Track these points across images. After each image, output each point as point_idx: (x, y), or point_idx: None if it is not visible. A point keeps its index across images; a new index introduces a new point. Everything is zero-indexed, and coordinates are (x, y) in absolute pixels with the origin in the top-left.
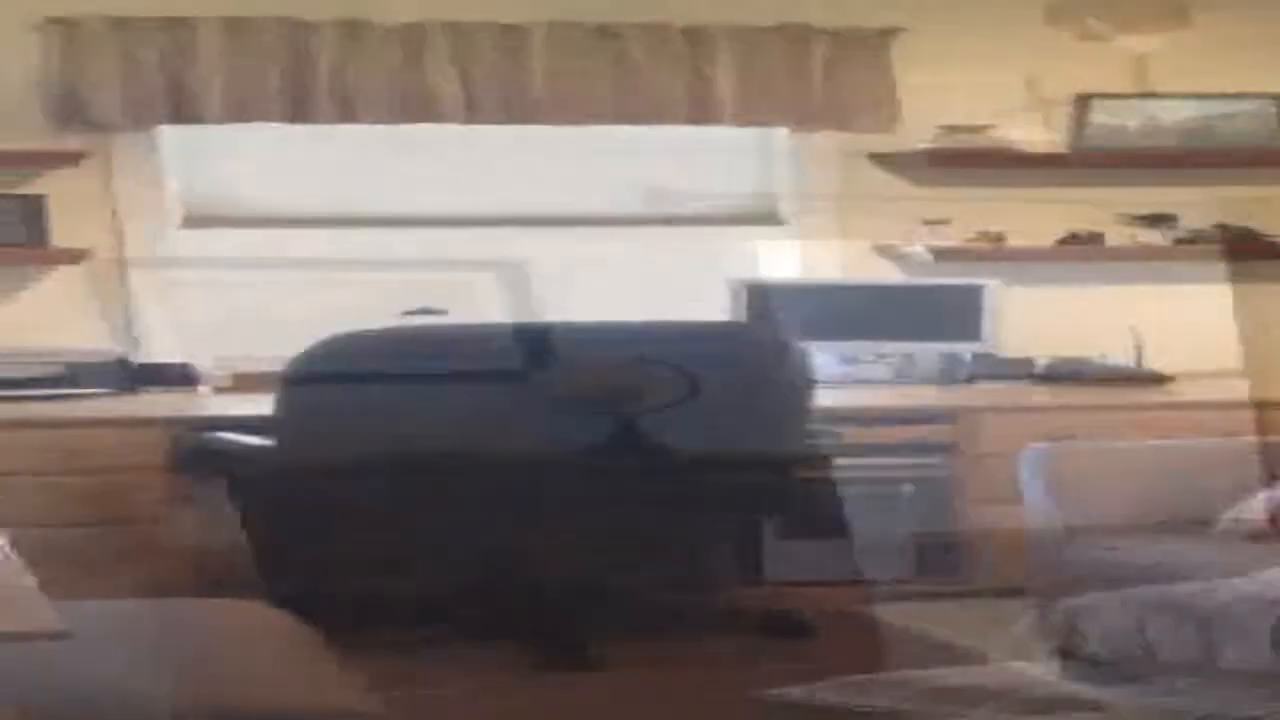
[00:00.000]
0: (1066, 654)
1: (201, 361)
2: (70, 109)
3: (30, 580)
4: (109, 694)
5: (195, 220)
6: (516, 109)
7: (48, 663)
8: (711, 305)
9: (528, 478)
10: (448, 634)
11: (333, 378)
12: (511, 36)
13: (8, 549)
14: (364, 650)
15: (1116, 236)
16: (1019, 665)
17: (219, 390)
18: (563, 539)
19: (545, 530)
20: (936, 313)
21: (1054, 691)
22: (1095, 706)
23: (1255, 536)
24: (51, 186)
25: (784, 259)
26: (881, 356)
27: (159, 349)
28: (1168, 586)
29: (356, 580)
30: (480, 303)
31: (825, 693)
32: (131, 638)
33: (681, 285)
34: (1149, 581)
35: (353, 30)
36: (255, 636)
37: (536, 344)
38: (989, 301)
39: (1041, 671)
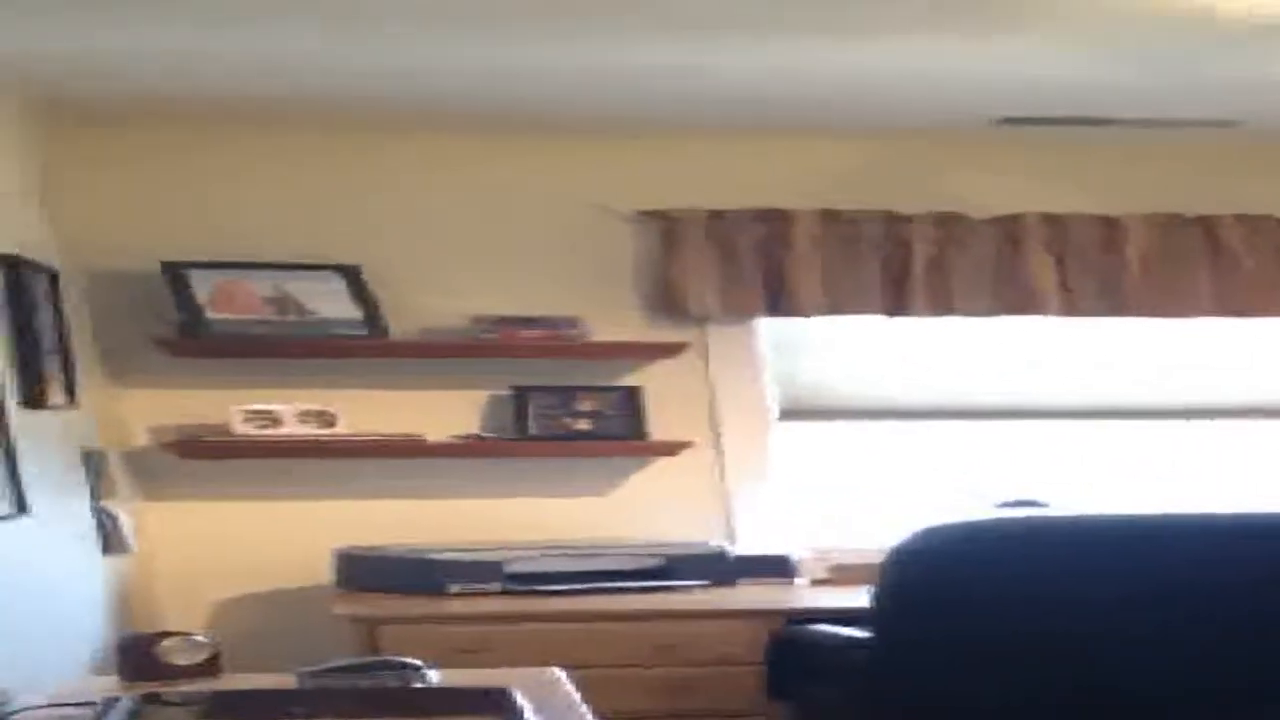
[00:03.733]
0: None
1: (799, 553)
2: (669, 301)
3: None
4: None
5: (792, 412)
6: (1112, 301)
7: None
8: None
9: (1125, 672)
10: None
11: (931, 569)
12: (1107, 228)
13: None
14: None
15: None
16: None
17: (816, 582)
18: None
19: None
20: None
21: None
22: None
23: None
24: (650, 378)
25: None
26: None
27: (757, 540)
28: None
29: None
30: (1077, 493)
31: None
32: None
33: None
34: None
35: (949, 222)
36: None
37: (1140, 536)
38: None
39: None
